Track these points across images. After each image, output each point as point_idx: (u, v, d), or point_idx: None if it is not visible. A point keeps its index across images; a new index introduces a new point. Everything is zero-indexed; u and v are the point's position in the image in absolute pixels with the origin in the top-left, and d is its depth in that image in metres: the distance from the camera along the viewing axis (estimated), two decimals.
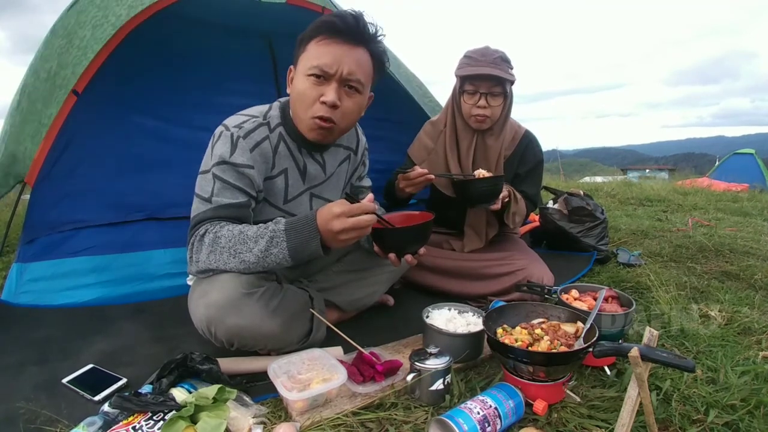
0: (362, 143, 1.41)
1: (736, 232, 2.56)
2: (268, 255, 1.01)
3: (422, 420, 0.92)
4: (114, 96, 1.73)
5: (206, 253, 1.04)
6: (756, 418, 0.91)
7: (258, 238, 1.01)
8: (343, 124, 1.15)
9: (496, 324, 1.11)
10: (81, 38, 1.59)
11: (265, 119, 1.17)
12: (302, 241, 1.00)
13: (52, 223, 1.63)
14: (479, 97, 1.55)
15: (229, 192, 1.09)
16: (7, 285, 1.55)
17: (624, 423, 0.80)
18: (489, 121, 1.59)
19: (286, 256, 1.01)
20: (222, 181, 1.09)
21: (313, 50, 1.08)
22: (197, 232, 1.06)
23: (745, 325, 1.34)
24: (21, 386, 1.07)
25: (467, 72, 1.54)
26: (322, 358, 1.06)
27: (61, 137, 1.59)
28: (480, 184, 1.51)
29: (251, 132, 1.13)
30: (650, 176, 9.00)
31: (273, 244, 1.01)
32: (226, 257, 1.02)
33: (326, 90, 1.08)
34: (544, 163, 1.76)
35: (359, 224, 0.97)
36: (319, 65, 1.06)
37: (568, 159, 54.79)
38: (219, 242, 1.02)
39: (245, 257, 1.01)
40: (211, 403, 0.89)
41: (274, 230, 1.01)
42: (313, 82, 1.08)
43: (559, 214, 2.23)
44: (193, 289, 1.15)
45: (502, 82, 1.54)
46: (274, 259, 1.02)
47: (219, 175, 1.09)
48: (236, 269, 1.04)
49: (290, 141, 1.19)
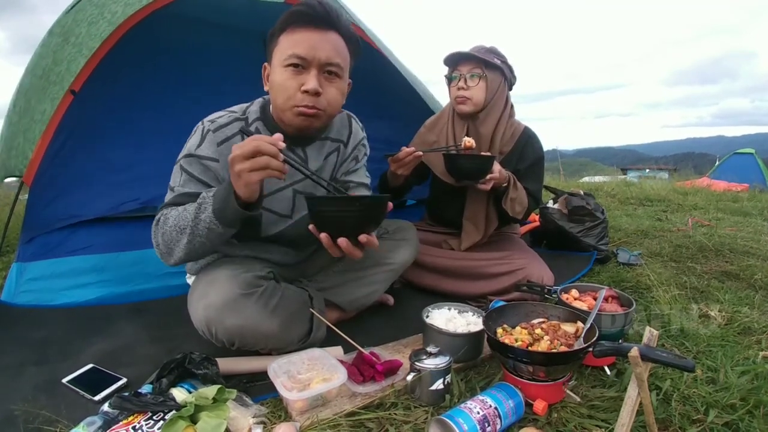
0: (356, 136, 1.34)
1: (736, 231, 2.56)
2: (198, 222, 0.98)
3: (422, 420, 0.92)
4: (111, 95, 1.73)
5: (161, 236, 1.04)
6: (756, 418, 0.91)
7: (194, 208, 0.99)
8: (329, 109, 1.12)
9: (496, 324, 1.11)
10: (76, 35, 1.59)
11: (243, 114, 1.17)
12: (223, 199, 0.96)
13: (51, 220, 1.63)
14: (459, 80, 1.62)
15: (193, 184, 1.09)
16: (6, 285, 1.55)
17: (624, 423, 0.80)
18: (471, 104, 1.62)
19: (212, 218, 0.97)
20: (187, 174, 1.09)
21: (286, 41, 1.06)
22: (156, 218, 1.07)
23: (745, 325, 1.34)
24: (21, 386, 1.07)
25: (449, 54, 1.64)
26: (322, 358, 1.06)
27: (58, 136, 1.59)
28: (466, 159, 1.53)
29: (223, 126, 1.12)
30: (650, 176, 9.00)
31: (201, 210, 0.98)
32: (175, 234, 1.01)
33: (306, 78, 1.05)
34: (544, 160, 1.77)
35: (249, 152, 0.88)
36: (295, 53, 1.04)
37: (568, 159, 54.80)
38: (168, 222, 1.03)
39: (189, 230, 0.99)
40: (210, 403, 0.89)
41: (203, 197, 0.99)
42: (292, 72, 1.05)
43: (559, 214, 2.23)
44: (192, 289, 1.15)
45: (481, 64, 1.59)
46: (204, 225, 0.98)
47: (185, 167, 1.10)
48: (185, 246, 1.01)
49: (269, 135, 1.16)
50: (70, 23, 1.66)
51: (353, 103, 1.28)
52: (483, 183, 1.50)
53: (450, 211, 1.76)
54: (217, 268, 1.14)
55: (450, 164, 1.56)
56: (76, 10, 1.69)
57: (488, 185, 1.51)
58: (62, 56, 1.59)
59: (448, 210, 1.77)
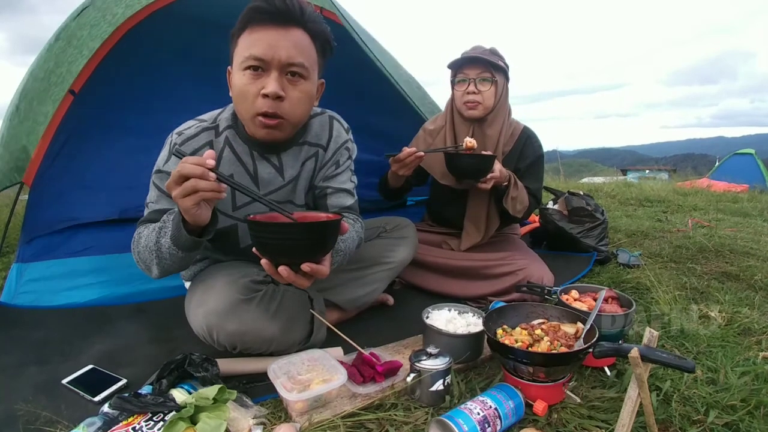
0: (338, 140, 1.23)
1: (736, 232, 2.56)
2: (160, 246, 0.95)
3: (422, 421, 0.92)
4: (111, 95, 1.73)
5: (137, 253, 1.04)
6: (756, 419, 0.91)
7: (159, 230, 0.97)
8: (293, 116, 1.03)
9: (496, 324, 1.11)
10: (78, 38, 1.60)
11: (214, 122, 1.11)
12: (175, 226, 0.91)
13: (51, 221, 1.63)
14: (469, 84, 1.60)
15: (165, 200, 1.06)
16: (6, 285, 1.55)
17: (624, 423, 0.80)
18: (481, 108, 1.62)
19: (171, 245, 0.93)
20: (158, 190, 1.08)
21: (244, 42, 0.98)
22: (134, 236, 1.06)
23: (745, 326, 1.34)
24: (21, 387, 1.07)
25: (456, 60, 1.62)
26: (322, 359, 1.06)
27: (59, 136, 1.60)
28: (467, 158, 1.53)
29: (190, 138, 1.07)
30: (650, 177, 9.00)
31: (161, 234, 0.95)
32: (147, 254, 1.00)
33: (266, 81, 0.97)
34: (544, 159, 1.77)
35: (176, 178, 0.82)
36: (252, 54, 0.96)
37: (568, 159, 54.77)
38: (140, 242, 1.02)
39: (156, 251, 0.97)
40: (211, 403, 0.89)
41: (164, 221, 0.96)
42: (251, 76, 0.97)
43: (559, 215, 2.23)
44: (188, 296, 1.14)
45: (490, 68, 1.58)
46: (166, 250, 0.95)
47: (156, 182, 1.08)
48: (157, 266, 1.00)
49: (240, 144, 1.11)
50: (74, 27, 1.66)
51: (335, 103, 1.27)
52: (484, 182, 1.50)
53: (450, 211, 1.76)
54: (213, 275, 1.14)
55: (451, 163, 1.56)
56: (81, 15, 1.70)
57: (489, 184, 1.51)
58: (64, 59, 1.59)
59: (449, 210, 1.77)
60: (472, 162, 1.52)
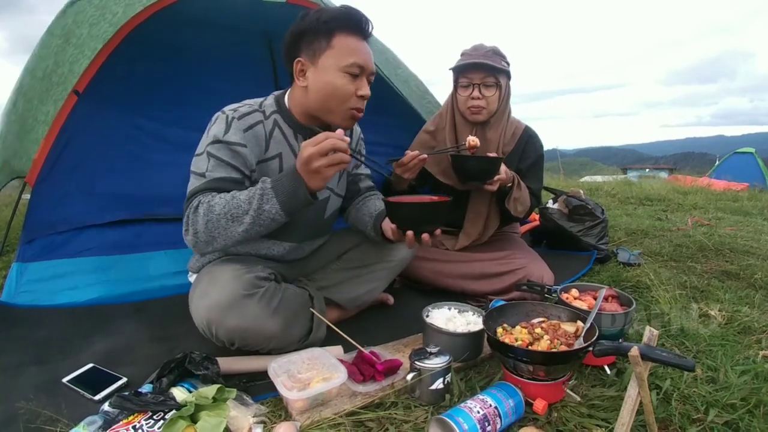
0: (357, 132, 1.42)
1: (736, 231, 2.55)
2: (262, 212, 1.02)
3: (422, 419, 0.92)
4: (114, 96, 1.73)
5: (203, 223, 1.03)
6: (756, 418, 0.91)
7: (250, 199, 1.03)
8: None
9: (496, 323, 1.10)
10: (78, 36, 1.59)
11: (260, 107, 1.20)
12: (290, 192, 1.02)
13: (53, 223, 1.63)
14: (473, 89, 1.59)
15: (223, 168, 1.10)
16: (7, 285, 1.55)
17: (624, 422, 0.80)
18: (485, 113, 1.61)
19: (279, 210, 1.03)
20: (216, 159, 1.10)
21: (342, 47, 1.11)
22: (191, 204, 1.06)
23: (745, 325, 1.34)
24: (21, 386, 1.07)
25: (460, 64, 1.60)
26: (322, 358, 1.06)
27: (62, 137, 1.59)
28: (474, 161, 1.53)
29: (246, 115, 1.15)
30: (650, 175, 8.99)
31: (264, 201, 1.02)
32: (224, 223, 1.03)
33: (361, 85, 1.14)
34: (544, 159, 1.77)
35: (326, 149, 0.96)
36: (356, 63, 1.11)
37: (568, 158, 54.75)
38: (213, 210, 1.03)
39: (243, 219, 1.02)
40: (210, 402, 0.89)
41: (262, 188, 1.03)
42: (350, 78, 1.13)
43: (559, 214, 2.23)
44: (193, 287, 1.15)
45: (494, 72, 1.57)
46: (267, 216, 1.03)
47: (213, 152, 1.10)
48: (236, 235, 1.04)
49: (286, 127, 1.21)
50: (71, 24, 1.65)
51: None
52: (489, 184, 1.50)
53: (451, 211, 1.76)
54: (220, 267, 1.14)
55: (457, 166, 1.56)
56: (76, 11, 1.69)
57: (494, 186, 1.51)
58: (64, 58, 1.59)
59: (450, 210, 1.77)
60: (479, 164, 1.51)
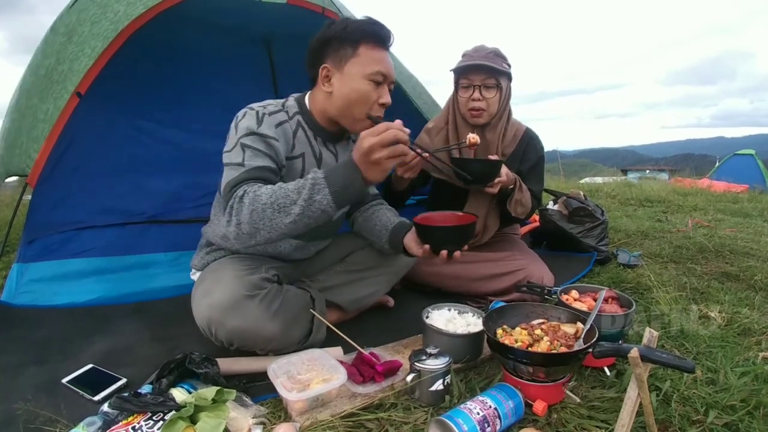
0: None
1: (736, 233, 2.55)
2: (312, 203, 1.00)
3: (422, 420, 0.92)
4: (116, 98, 1.73)
5: (248, 213, 0.99)
6: (756, 419, 0.91)
7: (299, 189, 1.00)
8: None
9: (496, 324, 1.10)
10: (80, 34, 1.60)
11: (284, 107, 1.22)
12: (344, 183, 1.00)
13: (53, 223, 1.63)
14: (474, 90, 1.59)
15: (260, 158, 1.10)
16: (7, 285, 1.55)
17: (624, 423, 0.80)
18: (486, 115, 1.61)
19: (330, 201, 1.00)
20: (252, 149, 1.09)
21: (367, 55, 1.16)
22: (235, 194, 1.02)
23: (745, 326, 1.34)
24: (21, 386, 1.07)
25: (461, 65, 1.60)
26: (322, 359, 1.06)
27: (63, 138, 1.59)
28: (475, 164, 1.53)
29: (275, 113, 1.18)
30: (650, 177, 8.98)
31: (315, 191, 1.00)
32: (270, 213, 0.99)
33: (383, 93, 1.19)
34: (545, 160, 1.77)
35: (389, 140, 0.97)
36: (380, 71, 1.16)
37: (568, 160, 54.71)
38: (260, 199, 1.00)
39: (290, 209, 0.99)
40: (210, 403, 0.89)
41: (314, 178, 1.01)
42: (373, 86, 1.17)
43: (559, 215, 2.23)
44: (196, 285, 1.15)
45: (495, 74, 1.57)
46: (318, 206, 1.00)
47: (248, 143, 1.09)
48: (282, 226, 1.01)
49: (308, 129, 1.24)
50: (74, 22, 1.66)
51: None
52: (491, 186, 1.51)
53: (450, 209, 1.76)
54: (224, 267, 1.14)
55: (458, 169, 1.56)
56: (79, 9, 1.69)
57: (495, 188, 1.51)
58: (65, 55, 1.59)
59: (448, 209, 1.77)
60: (480, 167, 1.51)
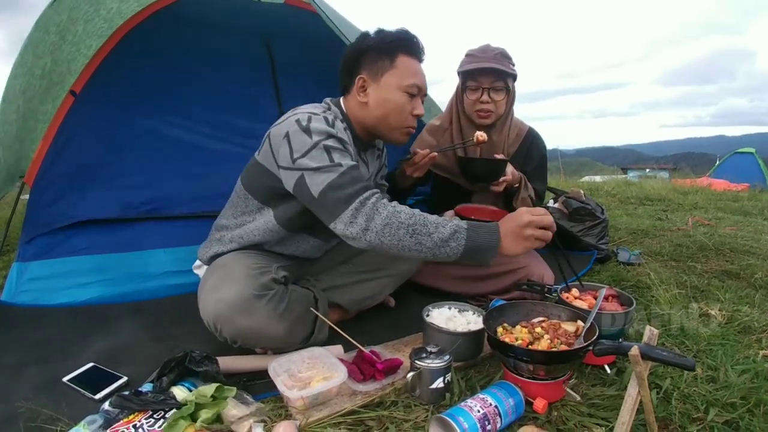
0: (381, 144, 1.44)
1: (736, 231, 2.55)
2: (444, 245, 1.00)
3: (422, 418, 0.93)
4: (112, 95, 1.73)
5: (381, 224, 0.99)
6: (756, 417, 0.91)
7: (439, 225, 1.00)
8: None
9: (497, 322, 1.10)
10: (74, 34, 1.59)
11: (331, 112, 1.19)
12: (482, 244, 1.00)
13: (52, 221, 1.62)
14: (482, 93, 1.58)
15: (348, 158, 1.07)
16: (7, 284, 1.54)
17: (624, 421, 0.80)
18: (493, 116, 1.61)
19: (459, 253, 1.00)
20: (337, 150, 1.06)
21: (404, 67, 1.18)
22: (366, 199, 1.01)
23: (745, 324, 1.34)
24: (21, 385, 1.07)
25: (469, 68, 1.58)
26: (323, 357, 1.06)
27: (60, 136, 1.59)
28: (481, 164, 1.53)
29: (337, 118, 1.17)
30: (650, 176, 8.98)
31: (453, 237, 1.00)
32: (402, 234, 0.99)
33: (416, 104, 1.22)
34: (547, 159, 1.77)
35: (542, 228, 1.00)
36: (416, 84, 1.19)
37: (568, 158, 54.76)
38: (399, 216, 0.99)
39: (422, 240, 0.99)
40: (210, 400, 0.89)
41: (457, 225, 1.01)
42: (408, 97, 1.20)
43: (560, 213, 2.23)
44: (204, 279, 1.15)
45: (503, 76, 1.57)
46: (446, 251, 1.00)
47: (331, 145, 1.06)
48: (404, 248, 1.00)
49: (349, 137, 1.22)
50: (66, 21, 1.64)
51: None
52: (496, 185, 1.51)
53: (452, 206, 1.76)
54: (235, 262, 1.14)
55: (465, 168, 1.56)
56: (70, 7, 1.68)
57: (501, 187, 1.52)
58: (62, 56, 1.58)
59: (450, 207, 1.77)
60: (486, 167, 1.52)
